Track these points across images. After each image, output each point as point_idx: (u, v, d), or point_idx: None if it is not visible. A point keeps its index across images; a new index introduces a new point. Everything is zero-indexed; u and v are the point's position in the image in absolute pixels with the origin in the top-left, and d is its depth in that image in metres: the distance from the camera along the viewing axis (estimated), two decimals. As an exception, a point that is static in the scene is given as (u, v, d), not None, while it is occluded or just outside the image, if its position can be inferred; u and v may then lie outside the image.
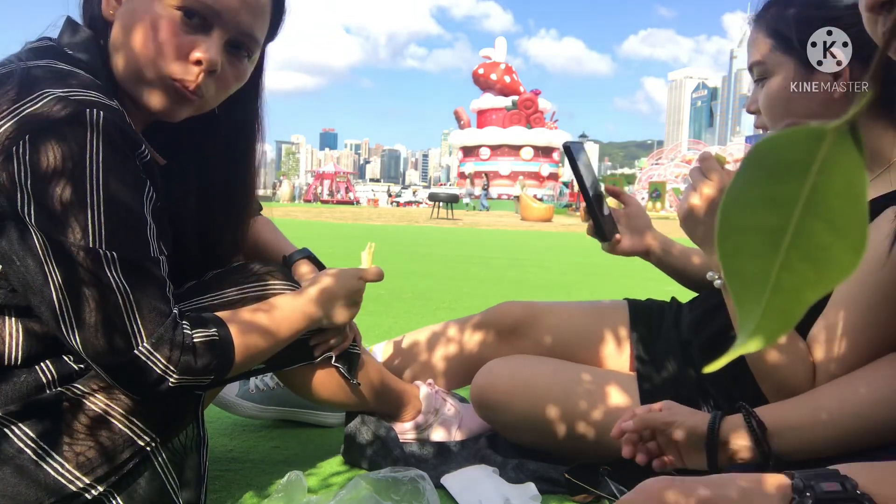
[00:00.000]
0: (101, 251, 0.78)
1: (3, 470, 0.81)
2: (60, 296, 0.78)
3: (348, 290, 1.09)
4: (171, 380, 0.84)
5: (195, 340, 0.86)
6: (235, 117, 1.03)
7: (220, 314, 0.93)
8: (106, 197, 0.78)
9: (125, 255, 0.80)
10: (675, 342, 1.23)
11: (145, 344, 0.81)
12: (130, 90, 0.89)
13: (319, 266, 1.17)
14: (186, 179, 1.03)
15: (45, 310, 0.80)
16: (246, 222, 1.14)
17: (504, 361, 1.26)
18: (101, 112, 0.78)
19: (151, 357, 0.82)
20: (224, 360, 0.89)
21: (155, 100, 0.88)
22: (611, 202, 1.27)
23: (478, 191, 27.17)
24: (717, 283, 1.00)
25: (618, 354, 1.32)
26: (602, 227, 1.20)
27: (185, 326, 0.86)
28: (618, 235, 1.22)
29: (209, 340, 0.88)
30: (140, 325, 0.81)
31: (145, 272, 0.82)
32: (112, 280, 0.79)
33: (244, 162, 1.08)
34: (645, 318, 1.32)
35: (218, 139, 1.04)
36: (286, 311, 1.00)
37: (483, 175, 32.09)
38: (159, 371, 0.83)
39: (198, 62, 0.87)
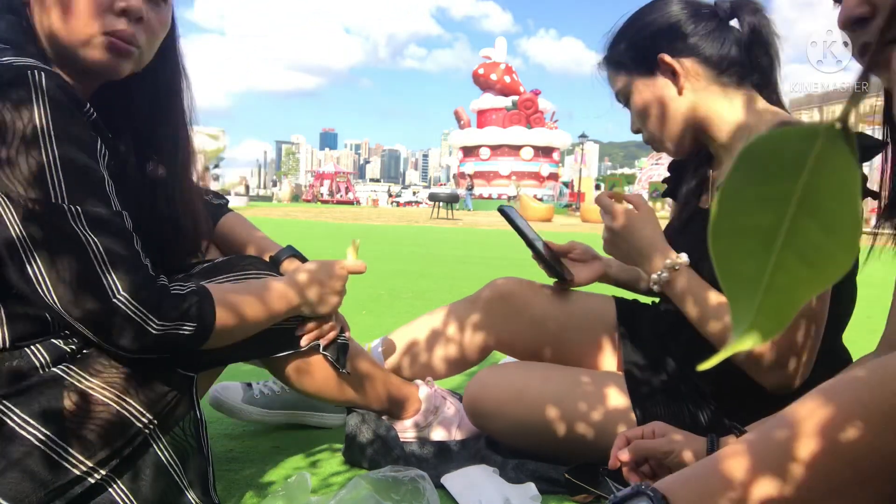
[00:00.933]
0: (64, 206, 0.80)
1: (4, 455, 0.82)
2: (31, 256, 0.79)
3: (329, 278, 1.10)
4: (153, 327, 0.84)
5: (173, 291, 0.88)
6: (157, 67, 1.02)
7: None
8: (61, 153, 0.80)
9: (88, 209, 0.81)
10: (655, 338, 1.27)
11: (123, 293, 0.82)
12: (70, 58, 0.90)
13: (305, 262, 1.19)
14: (125, 142, 1.02)
15: (18, 274, 0.81)
16: (191, 185, 1.11)
17: (495, 370, 1.28)
18: (43, 73, 0.80)
19: (130, 306, 0.83)
20: (204, 310, 0.90)
21: (96, 56, 0.90)
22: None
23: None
24: (655, 288, 1.13)
25: (608, 351, 1.36)
26: (558, 270, 1.33)
27: (161, 279, 0.87)
28: (571, 274, 1.36)
29: (188, 292, 0.89)
30: (114, 276, 0.82)
31: (110, 224, 0.83)
32: (80, 233, 0.80)
33: (177, 108, 1.07)
34: (629, 315, 1.36)
35: (147, 93, 1.03)
36: (266, 286, 1.03)
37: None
38: (139, 319, 0.83)
39: (124, 11, 0.89)
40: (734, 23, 1.16)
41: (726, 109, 1.14)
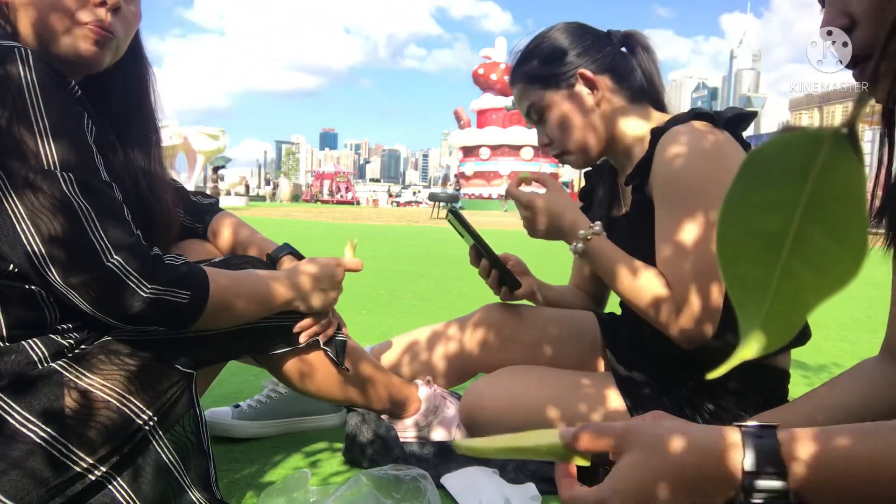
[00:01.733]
0: (57, 173, 0.81)
1: (5, 454, 0.82)
2: (24, 224, 0.80)
3: (325, 274, 1.11)
4: (144, 290, 0.85)
5: (167, 261, 0.89)
6: (126, 60, 1.04)
7: None
8: (51, 122, 0.81)
9: (80, 177, 0.83)
10: (630, 344, 1.31)
11: (116, 256, 0.83)
12: (53, 54, 0.92)
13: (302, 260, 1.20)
14: (108, 132, 1.03)
15: (12, 243, 0.81)
16: (164, 176, 1.12)
17: (489, 380, 1.28)
18: (28, 49, 0.81)
19: (122, 268, 0.84)
20: (198, 278, 0.91)
21: (80, 46, 0.92)
22: None
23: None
24: (577, 257, 1.20)
25: (600, 364, 1.39)
26: (510, 278, 1.35)
27: (155, 249, 0.88)
28: (519, 283, 1.37)
29: (180, 263, 0.91)
30: (106, 240, 0.83)
31: (102, 192, 0.85)
32: (72, 199, 0.81)
33: (147, 100, 1.09)
34: (608, 326, 1.40)
35: (119, 86, 1.05)
36: (261, 275, 1.04)
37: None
38: (132, 282, 0.84)
39: (102, 3, 0.92)
40: (624, 49, 1.31)
41: (631, 122, 1.27)
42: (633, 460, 0.59)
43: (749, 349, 0.19)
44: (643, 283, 1.11)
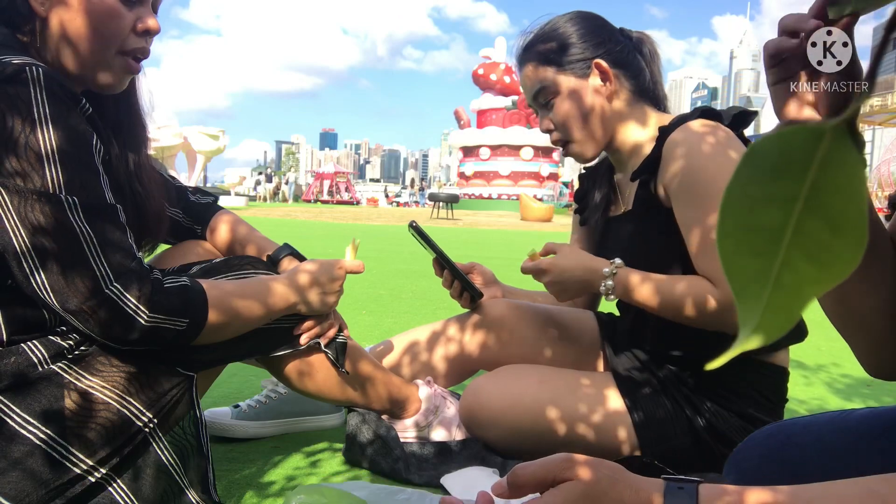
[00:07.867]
0: (61, 197, 0.80)
1: (5, 455, 0.82)
2: (25, 247, 0.80)
3: (327, 277, 1.11)
4: (143, 319, 0.85)
5: (166, 285, 0.88)
6: None
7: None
8: (58, 145, 0.81)
9: (85, 201, 0.82)
10: (629, 343, 1.31)
11: (115, 284, 0.83)
12: (84, 74, 0.93)
13: (303, 261, 1.20)
14: (108, 133, 1.02)
15: (12, 264, 0.81)
16: (153, 170, 1.11)
17: (489, 378, 1.28)
18: (40, 69, 0.81)
19: (121, 296, 0.83)
20: (197, 305, 0.91)
21: (112, 77, 0.94)
22: None
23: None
24: (611, 298, 1.18)
25: (599, 362, 1.39)
26: (473, 288, 1.36)
27: (155, 273, 0.88)
28: (481, 293, 1.39)
29: (180, 285, 0.90)
30: (106, 266, 0.83)
31: (106, 216, 0.84)
32: (75, 224, 0.81)
33: (136, 95, 1.09)
34: (607, 325, 1.40)
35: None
36: (263, 283, 1.03)
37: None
38: (130, 310, 0.84)
39: (147, 31, 0.94)
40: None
41: (639, 119, 1.27)
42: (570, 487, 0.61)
43: (749, 340, 0.19)
44: (684, 291, 1.08)
